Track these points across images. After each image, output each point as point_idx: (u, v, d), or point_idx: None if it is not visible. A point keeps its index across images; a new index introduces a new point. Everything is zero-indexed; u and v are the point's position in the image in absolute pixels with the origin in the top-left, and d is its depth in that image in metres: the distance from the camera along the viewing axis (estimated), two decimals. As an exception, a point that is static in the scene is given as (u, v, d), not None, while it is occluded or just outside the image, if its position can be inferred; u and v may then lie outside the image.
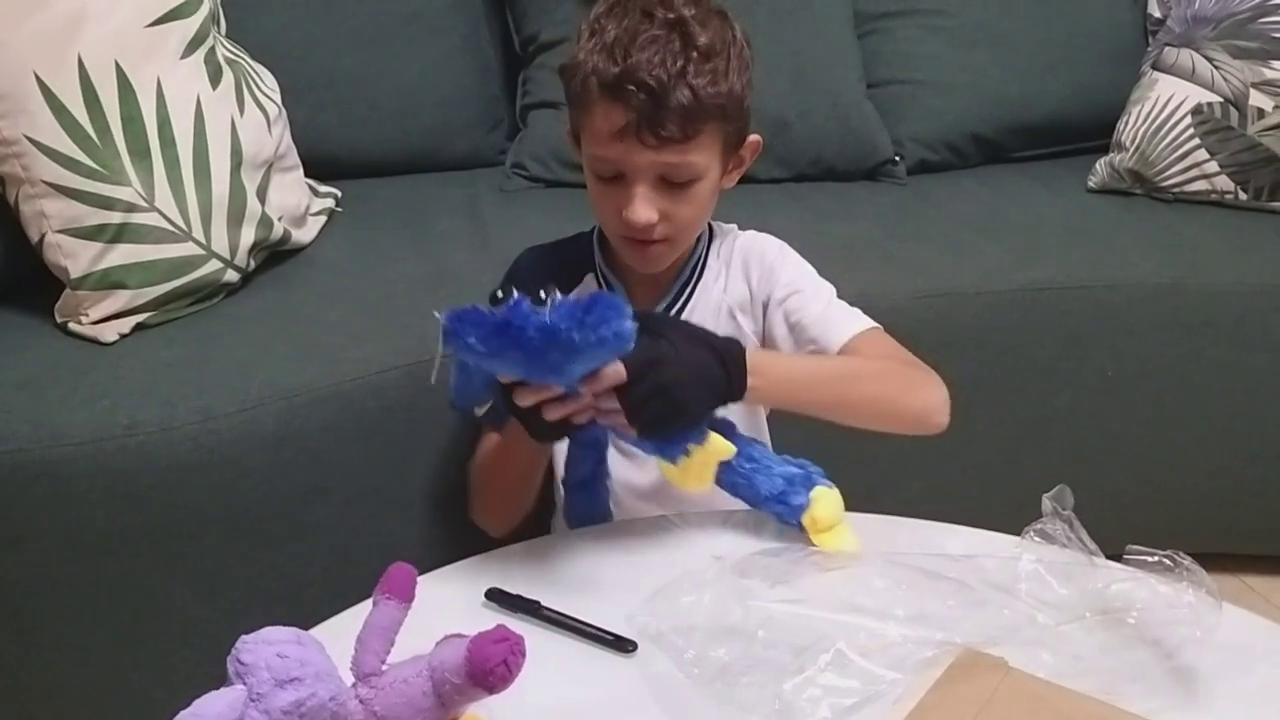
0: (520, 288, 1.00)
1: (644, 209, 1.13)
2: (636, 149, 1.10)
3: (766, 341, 1.27)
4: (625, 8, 1.12)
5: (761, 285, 1.26)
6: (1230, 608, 0.97)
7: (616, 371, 0.99)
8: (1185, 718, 0.80)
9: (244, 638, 0.75)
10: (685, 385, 1.02)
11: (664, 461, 1.06)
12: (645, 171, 1.12)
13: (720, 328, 1.24)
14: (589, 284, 1.28)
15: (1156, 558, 0.91)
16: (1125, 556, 0.93)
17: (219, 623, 1.36)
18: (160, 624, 1.35)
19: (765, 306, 1.26)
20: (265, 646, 0.74)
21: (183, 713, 0.70)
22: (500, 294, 0.95)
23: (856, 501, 1.13)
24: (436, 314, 0.98)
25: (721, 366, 1.05)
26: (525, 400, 1.02)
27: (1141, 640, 0.90)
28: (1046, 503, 0.97)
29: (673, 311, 1.26)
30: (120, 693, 1.37)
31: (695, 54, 1.09)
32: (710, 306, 1.26)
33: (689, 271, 1.27)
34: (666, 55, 1.08)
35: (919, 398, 1.17)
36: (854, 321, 1.22)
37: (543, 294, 0.94)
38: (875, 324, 1.23)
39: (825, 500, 1.07)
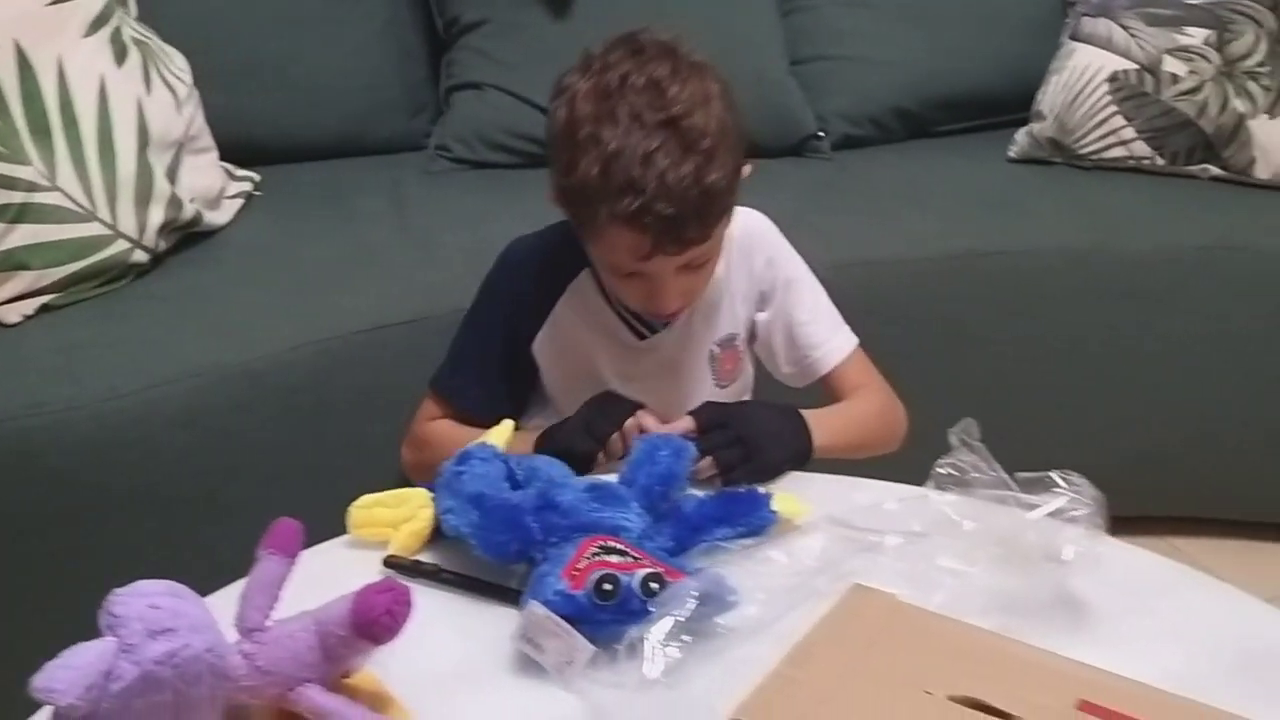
0: (510, 282, 1.15)
1: (673, 301, 1.15)
2: (660, 260, 1.10)
3: (759, 332, 1.30)
4: (611, 107, 1.06)
5: (764, 272, 1.28)
6: (1133, 548, 0.98)
7: (685, 423, 1.09)
8: (1083, 652, 0.80)
9: (116, 590, 0.73)
10: (763, 435, 1.10)
11: None
12: (669, 270, 1.12)
13: (722, 314, 1.27)
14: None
15: (1046, 476, 0.92)
16: (1017, 477, 0.93)
17: (131, 607, 1.34)
18: (66, 609, 1.31)
19: (764, 296, 1.28)
20: (138, 598, 0.72)
21: (50, 664, 0.69)
22: (608, 586, 0.84)
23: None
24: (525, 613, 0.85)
25: (797, 421, 1.14)
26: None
27: (1036, 574, 0.90)
28: (953, 437, 0.97)
29: None
30: (24, 681, 1.34)
31: (699, 152, 1.06)
32: (712, 292, 1.25)
33: None
34: (673, 168, 1.05)
35: (898, 431, 1.30)
36: (842, 338, 1.30)
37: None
38: (855, 338, 1.30)
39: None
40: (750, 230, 1.28)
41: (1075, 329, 1.78)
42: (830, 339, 1.30)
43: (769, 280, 1.28)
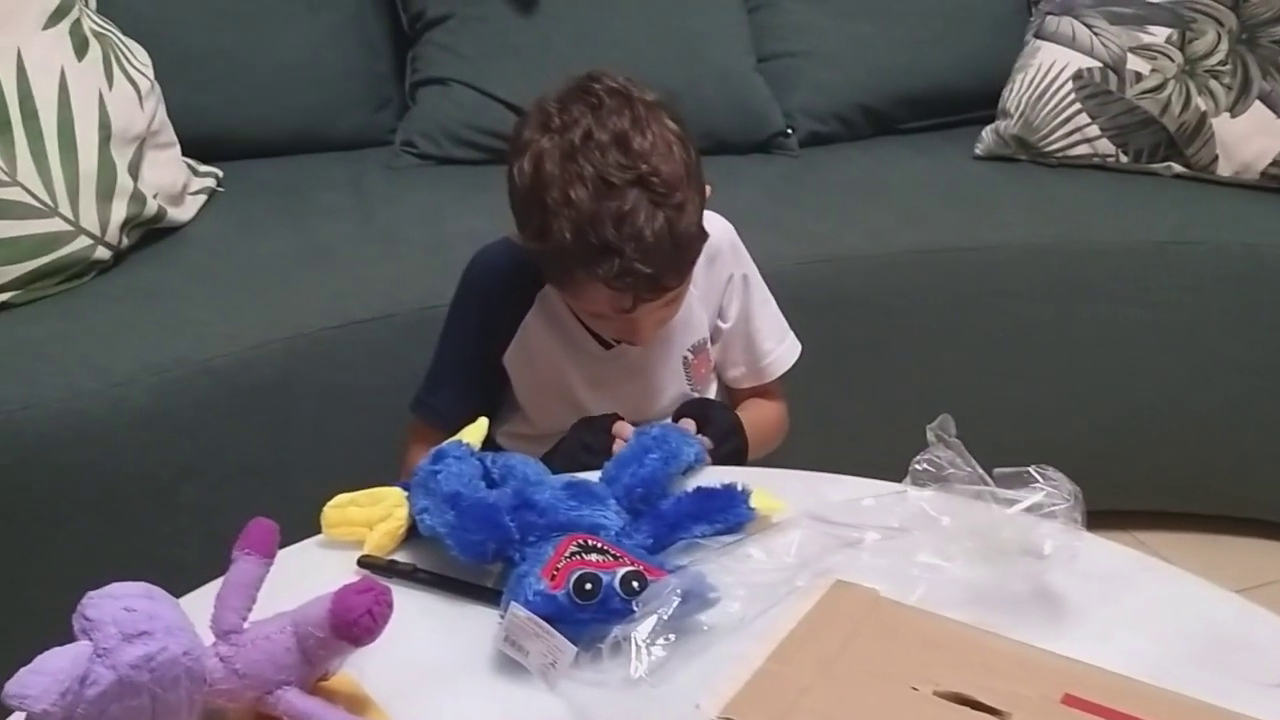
0: (478, 299, 1.18)
1: (650, 335, 1.17)
2: (640, 308, 1.11)
3: (720, 337, 1.31)
4: (578, 169, 1.06)
5: (728, 283, 1.29)
6: (1106, 541, 0.98)
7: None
8: (1054, 643, 0.80)
9: (90, 593, 0.71)
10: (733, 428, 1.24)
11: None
12: (649, 313, 1.13)
13: (692, 322, 1.27)
14: None
15: (1024, 471, 0.92)
16: (995, 473, 0.94)
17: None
18: (22, 612, 1.29)
19: (725, 305, 1.30)
20: (111, 601, 0.71)
21: (23, 669, 0.67)
22: (589, 586, 0.83)
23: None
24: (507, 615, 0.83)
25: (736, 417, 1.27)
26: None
27: (1014, 569, 0.90)
28: (930, 433, 0.97)
29: None
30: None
31: (670, 206, 1.06)
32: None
33: None
34: (646, 224, 1.05)
35: (782, 438, 1.38)
36: (788, 345, 1.35)
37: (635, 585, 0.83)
38: (799, 344, 1.36)
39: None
40: (714, 240, 1.27)
41: (1036, 324, 1.80)
42: (777, 347, 1.34)
43: (731, 290, 1.30)
